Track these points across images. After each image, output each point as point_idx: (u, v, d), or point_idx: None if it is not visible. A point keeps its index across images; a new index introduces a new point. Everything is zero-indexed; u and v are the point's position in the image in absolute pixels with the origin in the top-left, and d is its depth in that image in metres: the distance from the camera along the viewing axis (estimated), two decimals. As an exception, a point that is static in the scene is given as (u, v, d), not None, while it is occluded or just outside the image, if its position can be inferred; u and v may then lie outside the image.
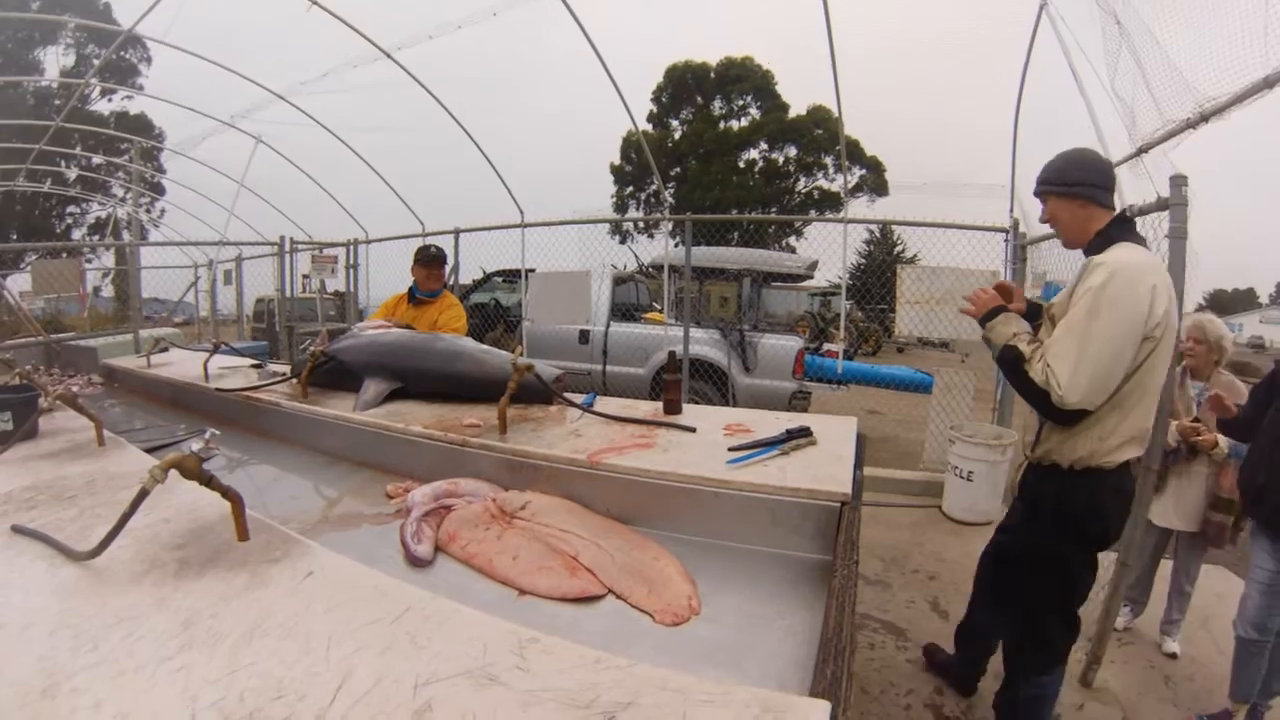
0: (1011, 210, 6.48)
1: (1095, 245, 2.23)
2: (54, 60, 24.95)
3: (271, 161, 11.36)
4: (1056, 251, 5.23)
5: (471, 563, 1.70)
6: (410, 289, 4.32)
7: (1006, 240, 6.29)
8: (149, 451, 2.44)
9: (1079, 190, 2.25)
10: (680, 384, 2.65)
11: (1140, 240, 2.25)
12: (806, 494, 1.75)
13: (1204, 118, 3.26)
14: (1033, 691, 2.53)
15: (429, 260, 4.27)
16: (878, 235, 26.83)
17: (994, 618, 2.90)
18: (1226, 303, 69.64)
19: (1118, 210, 2.30)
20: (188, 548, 1.43)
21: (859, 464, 2.05)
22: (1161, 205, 3.03)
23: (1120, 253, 2.09)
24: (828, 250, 7.47)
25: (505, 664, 0.99)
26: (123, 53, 20.16)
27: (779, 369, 7.77)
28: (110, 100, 23.99)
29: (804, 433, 2.15)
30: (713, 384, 7.86)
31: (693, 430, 2.32)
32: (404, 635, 1.07)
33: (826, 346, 9.04)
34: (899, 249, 24.62)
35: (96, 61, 22.33)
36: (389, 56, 7.98)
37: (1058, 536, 2.32)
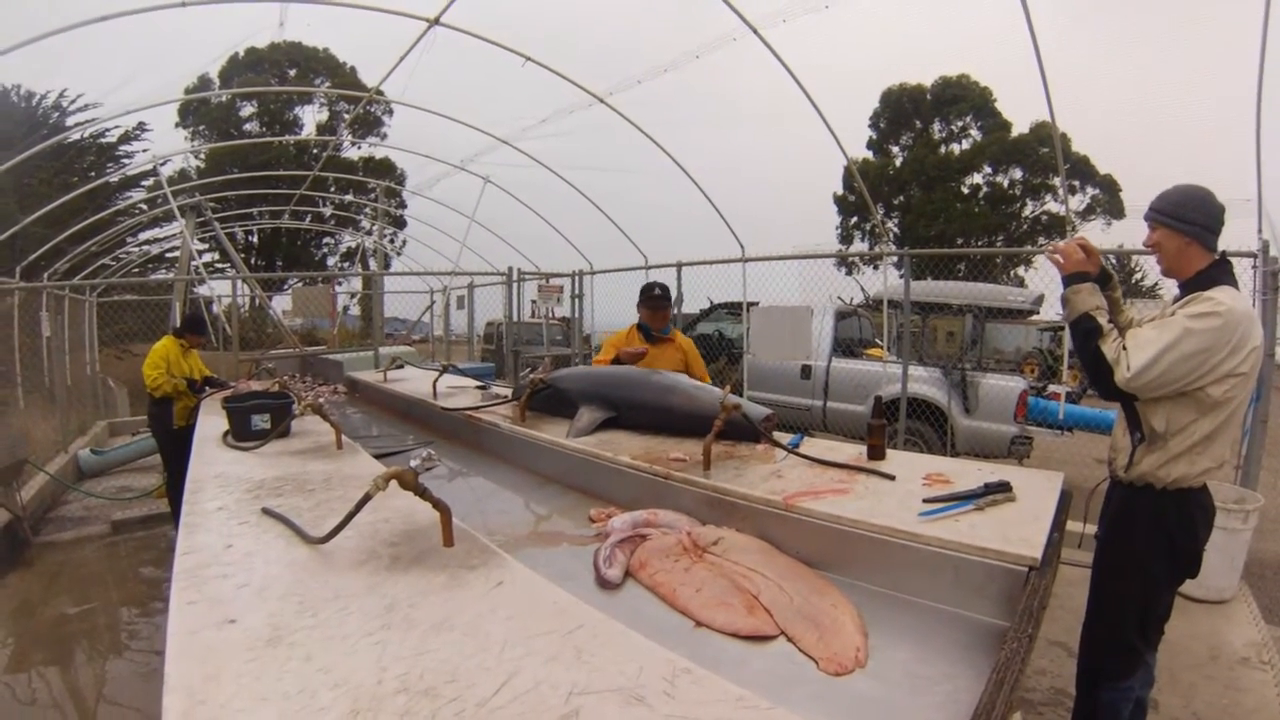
0: (1260, 230, 5.61)
1: (1198, 281, 2.44)
2: (311, 116, 29.84)
3: (499, 199, 12.78)
4: None
5: (657, 590, 1.83)
6: (641, 325, 4.35)
7: (1255, 266, 5.40)
8: (378, 458, 2.86)
9: (1191, 230, 2.45)
10: (884, 429, 2.65)
11: (1236, 284, 2.48)
12: (994, 554, 1.71)
13: None
14: (1112, 696, 2.63)
15: (652, 301, 4.30)
16: (1113, 262, 24.08)
17: None
18: None
19: (1218, 254, 2.51)
20: (400, 546, 1.69)
21: (1059, 525, 1.98)
22: None
23: (1226, 295, 2.33)
24: (1057, 282, 6.90)
25: (655, 688, 1.09)
26: (369, 107, 23.39)
27: (1000, 411, 7.42)
28: (359, 147, 27.88)
29: (1003, 487, 2.10)
30: (932, 425, 7.60)
31: (891, 478, 2.32)
32: (571, 648, 1.21)
33: (1051, 388, 8.36)
34: (1138, 276, 22.07)
35: (347, 116, 26.13)
36: (602, 101, 8.84)
37: (1148, 550, 2.50)
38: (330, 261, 30.48)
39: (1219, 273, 2.45)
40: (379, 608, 1.35)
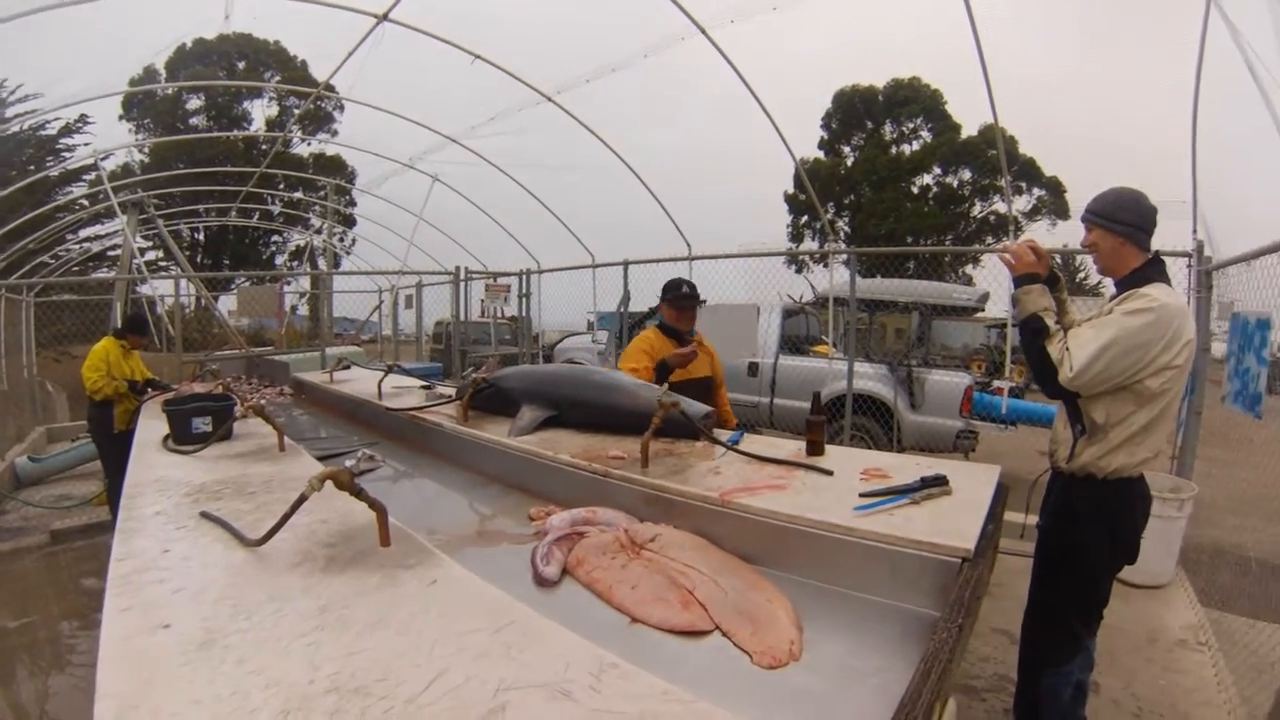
0: (1194, 231, 5.88)
1: (1132, 279, 2.58)
2: (260, 111, 29.26)
3: (448, 197, 12.87)
4: (1245, 280, 4.71)
5: (593, 588, 1.86)
6: (669, 327, 4.04)
7: (1190, 266, 5.68)
8: (321, 459, 2.86)
9: (1124, 229, 2.59)
10: (823, 425, 2.70)
11: (1169, 282, 2.62)
12: (928, 547, 1.75)
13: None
14: (1053, 680, 2.76)
15: (681, 300, 3.99)
16: (1059, 261, 24.75)
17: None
18: None
19: (1151, 253, 2.65)
20: (337, 547, 1.70)
21: (995, 516, 2.03)
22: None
23: (1160, 291, 2.47)
24: (1002, 280, 7.13)
25: (581, 682, 1.12)
26: (319, 102, 23.04)
27: (946, 406, 7.66)
28: (309, 144, 27.46)
29: (939, 481, 2.14)
30: (878, 421, 7.79)
31: (830, 473, 2.36)
32: (500, 645, 1.23)
33: (995, 383, 8.61)
34: (1081, 276, 22.78)
35: (297, 111, 25.65)
36: (550, 100, 8.95)
37: (1089, 539, 2.63)
38: (279, 260, 29.96)
39: (1152, 270, 2.58)
40: (313, 609, 1.36)
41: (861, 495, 2.09)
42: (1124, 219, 2.59)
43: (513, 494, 2.76)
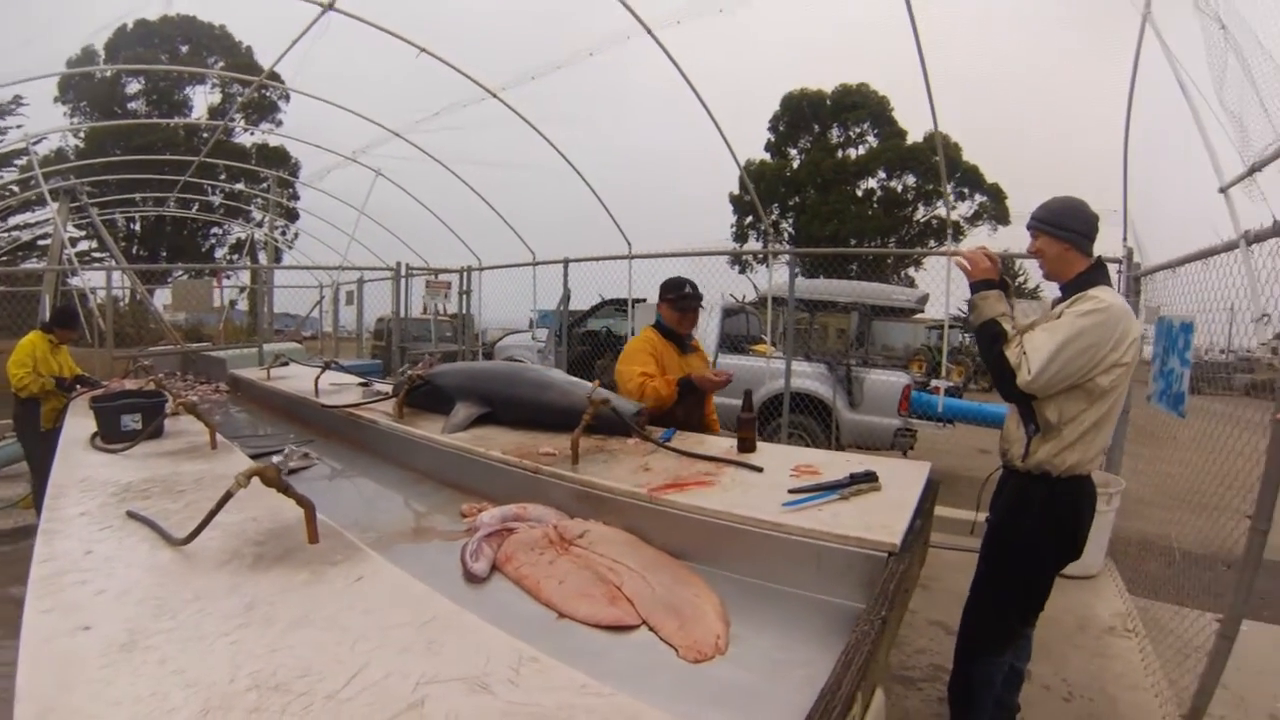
0: (1125, 238, 6.15)
1: (1077, 283, 2.67)
2: (202, 97, 28.48)
3: (391, 193, 12.71)
4: (1170, 286, 4.94)
5: (522, 584, 1.89)
6: (668, 329, 3.81)
7: (1120, 271, 5.95)
8: (255, 457, 2.82)
9: (1068, 236, 2.69)
10: (754, 423, 2.77)
11: (1111, 284, 2.73)
12: (855, 541, 1.80)
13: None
14: (987, 669, 2.87)
15: (683, 301, 3.76)
16: (1000, 265, 25.56)
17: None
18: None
19: (1094, 258, 2.76)
20: (266, 544, 1.71)
21: (924, 512, 2.10)
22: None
23: (1106, 293, 2.56)
24: (942, 281, 7.32)
25: (500, 676, 1.15)
26: (263, 91, 22.47)
27: (884, 405, 7.80)
28: (252, 133, 26.77)
29: (868, 477, 2.20)
30: (817, 419, 7.91)
31: (759, 470, 2.43)
32: (422, 640, 1.26)
33: (933, 383, 8.83)
34: (1020, 279, 23.68)
35: (240, 99, 25.03)
36: (495, 96, 8.88)
37: (1040, 535, 2.70)
38: (219, 253, 29.22)
39: (1096, 274, 2.68)
40: (238, 607, 1.37)
41: (790, 491, 2.14)
42: (1070, 226, 2.68)
43: (445, 490, 2.77)
